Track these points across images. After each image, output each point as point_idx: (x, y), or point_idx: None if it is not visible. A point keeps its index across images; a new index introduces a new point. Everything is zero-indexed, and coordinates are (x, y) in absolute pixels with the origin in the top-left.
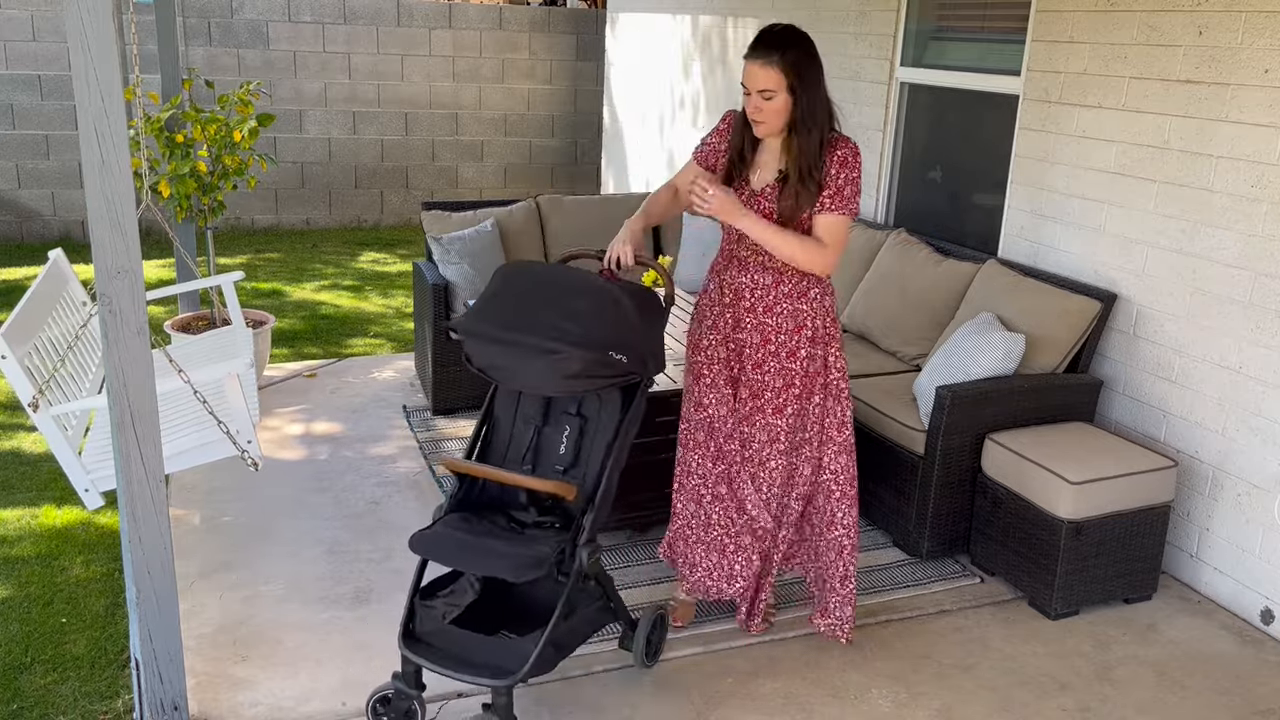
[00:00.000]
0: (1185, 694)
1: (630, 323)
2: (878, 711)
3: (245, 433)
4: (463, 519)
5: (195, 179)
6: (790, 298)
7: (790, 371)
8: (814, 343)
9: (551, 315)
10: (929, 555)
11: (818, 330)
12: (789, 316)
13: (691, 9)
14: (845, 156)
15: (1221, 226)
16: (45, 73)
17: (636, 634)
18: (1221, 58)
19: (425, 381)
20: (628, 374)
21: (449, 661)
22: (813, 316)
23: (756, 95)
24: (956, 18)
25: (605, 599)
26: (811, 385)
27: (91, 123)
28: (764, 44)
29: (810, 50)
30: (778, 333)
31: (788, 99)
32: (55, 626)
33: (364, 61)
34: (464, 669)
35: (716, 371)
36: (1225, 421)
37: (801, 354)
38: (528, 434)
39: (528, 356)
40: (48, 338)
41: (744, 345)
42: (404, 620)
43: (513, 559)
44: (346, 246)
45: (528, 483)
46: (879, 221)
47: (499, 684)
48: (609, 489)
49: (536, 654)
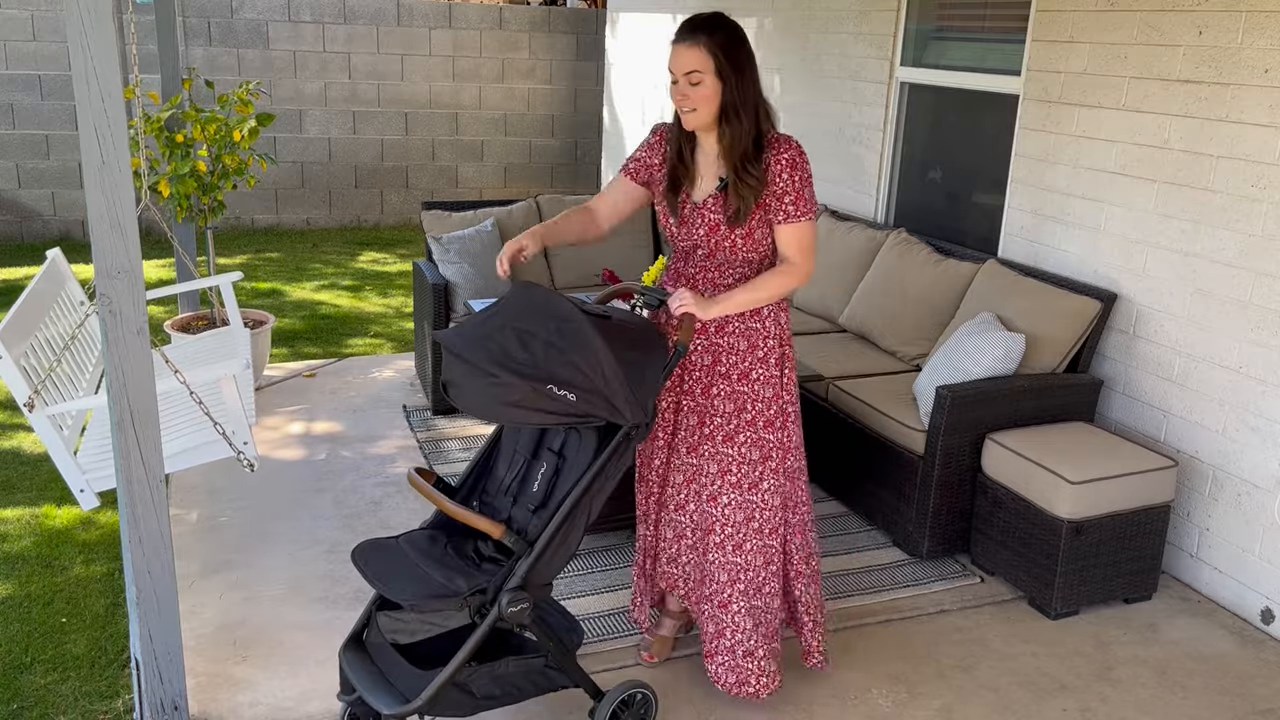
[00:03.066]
0: (1185, 694)
1: (595, 363)
2: (878, 711)
3: (241, 434)
4: (430, 537)
5: (195, 179)
6: (742, 316)
7: (742, 395)
8: (766, 363)
9: (509, 339)
10: (929, 555)
11: (771, 349)
12: (741, 335)
13: (691, 9)
14: (793, 158)
15: (1221, 226)
16: (45, 73)
17: (599, 710)
18: (1221, 58)
19: (425, 381)
20: (584, 415)
21: (362, 677)
22: (766, 335)
23: (683, 80)
24: (956, 17)
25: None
26: (770, 411)
27: (91, 123)
28: (689, 26)
29: (739, 35)
30: (729, 353)
31: (716, 84)
32: (55, 626)
33: (364, 61)
34: (370, 689)
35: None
36: (1225, 421)
37: (754, 376)
38: (517, 466)
39: (472, 375)
40: (45, 337)
41: (691, 368)
42: (355, 627)
43: (421, 587)
44: (346, 246)
45: (457, 514)
46: (879, 221)
47: (386, 711)
48: (559, 537)
49: (430, 692)
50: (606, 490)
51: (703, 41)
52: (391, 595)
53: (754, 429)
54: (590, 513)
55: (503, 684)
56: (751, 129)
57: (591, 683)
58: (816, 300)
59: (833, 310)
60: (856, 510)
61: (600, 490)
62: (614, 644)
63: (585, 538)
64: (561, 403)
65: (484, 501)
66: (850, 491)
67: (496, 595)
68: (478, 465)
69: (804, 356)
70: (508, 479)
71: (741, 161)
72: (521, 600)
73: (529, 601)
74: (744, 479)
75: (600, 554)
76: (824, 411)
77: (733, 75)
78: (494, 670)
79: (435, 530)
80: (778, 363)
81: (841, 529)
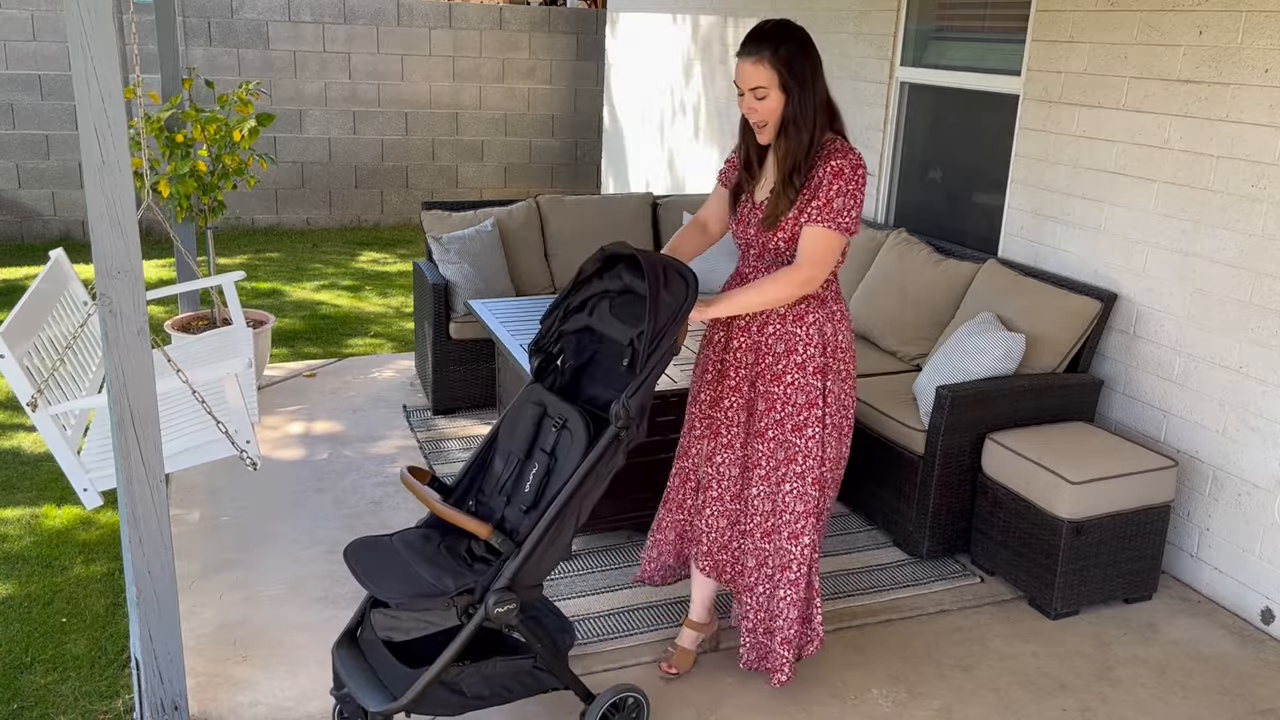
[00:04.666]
0: (1185, 694)
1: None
2: (878, 711)
3: (244, 433)
4: (423, 536)
5: (195, 179)
6: (782, 319)
7: (773, 395)
8: (804, 370)
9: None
10: (929, 555)
11: (810, 356)
12: (779, 338)
13: (692, 9)
14: (841, 167)
15: (1221, 226)
16: (45, 73)
17: (589, 713)
18: (1221, 58)
19: (425, 381)
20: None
21: (353, 673)
22: (806, 343)
23: (749, 94)
24: (956, 17)
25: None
26: (800, 416)
27: (91, 123)
28: (755, 39)
29: (805, 43)
30: (768, 354)
31: (781, 97)
32: (55, 626)
33: (364, 61)
34: (360, 685)
35: (706, 389)
36: (1225, 421)
37: (788, 379)
38: (512, 465)
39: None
40: (47, 337)
41: (737, 365)
42: (349, 623)
43: (409, 586)
44: (346, 246)
45: (445, 514)
46: (879, 221)
47: (372, 709)
48: (548, 539)
49: (416, 690)
50: (596, 492)
51: (767, 57)
52: (379, 593)
53: (781, 430)
54: (580, 514)
55: (492, 684)
56: (809, 140)
57: (582, 685)
58: None
59: None
60: (856, 510)
61: (589, 492)
62: (614, 644)
63: (585, 538)
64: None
65: (480, 501)
66: (850, 491)
67: (484, 595)
68: (474, 464)
69: None
70: (503, 479)
71: (790, 174)
72: (508, 601)
73: (516, 602)
74: (771, 474)
75: (600, 554)
76: None
77: (796, 90)
78: (482, 670)
79: (429, 529)
80: (818, 372)
81: (841, 529)
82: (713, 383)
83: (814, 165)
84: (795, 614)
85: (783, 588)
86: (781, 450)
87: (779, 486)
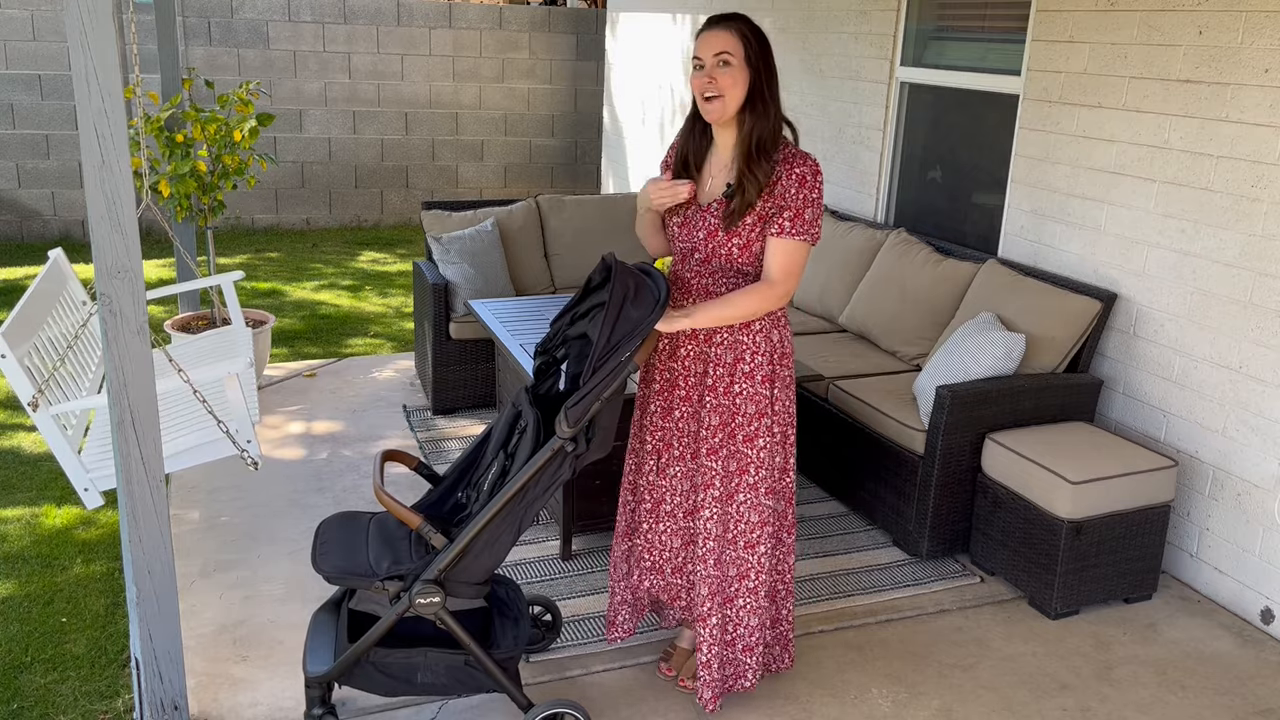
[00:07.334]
0: (1185, 694)
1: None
2: (878, 711)
3: (245, 432)
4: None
5: (195, 179)
6: (732, 328)
7: (724, 408)
8: (752, 379)
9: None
10: (929, 555)
11: (758, 365)
12: (728, 347)
13: (692, 9)
14: (805, 175)
15: (1221, 226)
16: (45, 73)
17: None
18: (1221, 58)
19: (425, 381)
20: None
21: (312, 637)
22: (754, 351)
23: (711, 62)
24: (956, 17)
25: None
26: (751, 426)
27: (91, 123)
28: (721, 15)
29: (766, 37)
30: (716, 365)
31: (744, 70)
32: (55, 626)
33: (364, 61)
34: (313, 649)
35: (654, 401)
36: (1225, 421)
37: (736, 390)
38: (486, 462)
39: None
40: (48, 337)
41: (685, 375)
42: (336, 593)
43: (345, 563)
44: (346, 246)
45: (380, 497)
46: (879, 221)
47: (307, 670)
48: (483, 538)
49: (339, 665)
50: (538, 503)
51: (734, 27)
52: (316, 565)
53: (733, 441)
54: (523, 520)
55: (422, 673)
56: (773, 120)
57: (520, 694)
58: (816, 300)
59: (833, 310)
60: (856, 510)
61: (533, 500)
62: (613, 645)
63: (585, 537)
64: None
65: (467, 493)
66: (850, 491)
67: (411, 584)
68: (465, 459)
69: (804, 356)
70: (479, 476)
71: (755, 151)
72: (432, 593)
73: (440, 595)
74: (723, 492)
75: (600, 554)
76: (824, 411)
77: (761, 67)
78: (409, 658)
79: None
80: (765, 380)
81: (841, 529)
82: (662, 392)
83: (775, 170)
84: (755, 621)
85: (741, 596)
86: (733, 461)
87: (731, 498)
